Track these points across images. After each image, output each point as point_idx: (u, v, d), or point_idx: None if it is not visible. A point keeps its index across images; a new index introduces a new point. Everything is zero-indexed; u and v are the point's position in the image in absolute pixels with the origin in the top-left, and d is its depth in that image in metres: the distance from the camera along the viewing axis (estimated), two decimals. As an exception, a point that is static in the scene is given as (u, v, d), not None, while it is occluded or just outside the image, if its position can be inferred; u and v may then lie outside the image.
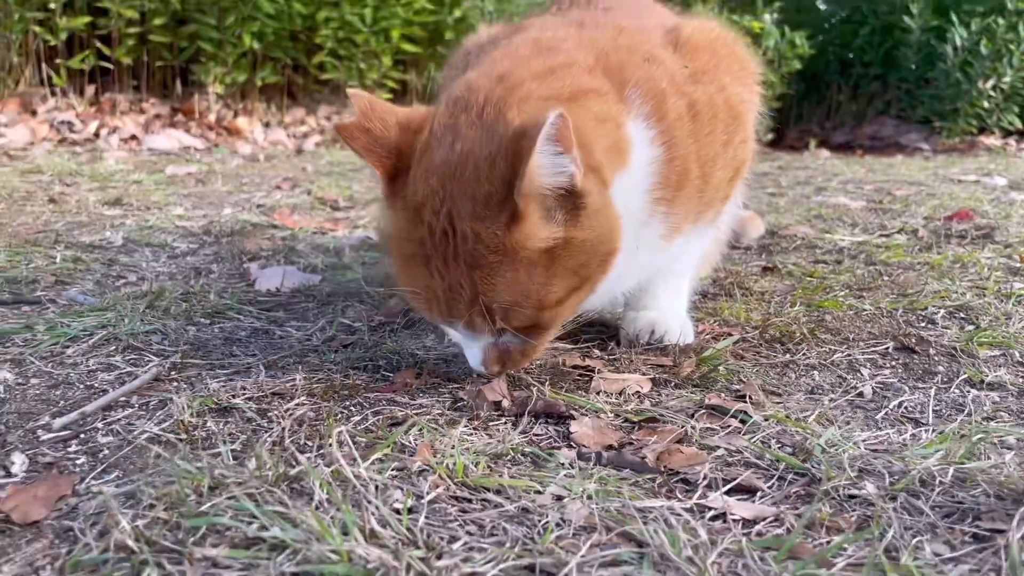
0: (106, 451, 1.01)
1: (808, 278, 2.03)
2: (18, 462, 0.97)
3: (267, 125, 5.92)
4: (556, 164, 1.06)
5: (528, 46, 1.30)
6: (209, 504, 0.82)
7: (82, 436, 1.06)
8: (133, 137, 5.23)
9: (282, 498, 0.83)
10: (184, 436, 1.02)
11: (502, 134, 1.09)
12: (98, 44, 5.28)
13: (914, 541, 0.83)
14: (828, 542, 0.83)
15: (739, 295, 1.84)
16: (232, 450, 0.98)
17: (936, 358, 1.46)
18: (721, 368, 1.36)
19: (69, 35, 5.16)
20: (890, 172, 4.93)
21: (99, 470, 0.96)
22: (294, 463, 0.93)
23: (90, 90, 5.44)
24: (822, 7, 8.71)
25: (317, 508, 0.82)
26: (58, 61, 5.17)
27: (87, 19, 5.13)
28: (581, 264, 1.13)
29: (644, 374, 1.33)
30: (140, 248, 2.28)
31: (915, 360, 1.46)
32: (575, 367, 1.34)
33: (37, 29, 5.01)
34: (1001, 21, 6.64)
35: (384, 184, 1.18)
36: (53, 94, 5.33)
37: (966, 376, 1.37)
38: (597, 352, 1.44)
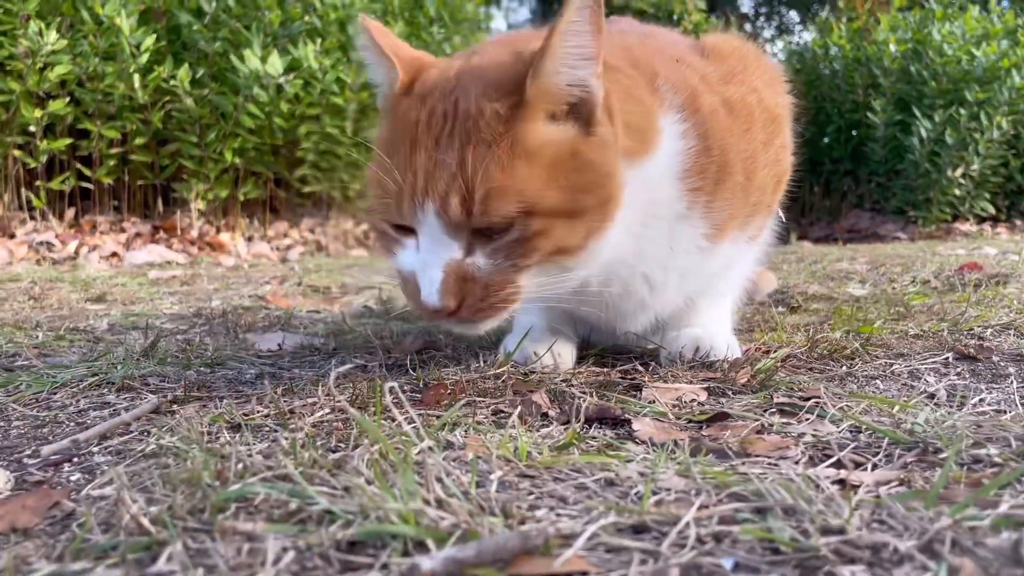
0: (104, 467, 0.87)
1: (839, 313, 1.93)
2: (1, 480, 0.83)
3: (250, 239, 5.87)
4: (576, 65, 1.05)
5: None
6: (238, 485, 0.68)
7: (75, 460, 0.92)
8: (114, 254, 5.14)
9: (325, 477, 0.70)
10: (196, 445, 0.88)
11: (523, 50, 1.11)
12: (78, 165, 5.26)
13: (1076, 485, 0.71)
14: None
15: (777, 323, 1.74)
16: (258, 451, 0.84)
17: (1002, 364, 1.36)
18: (777, 378, 1.24)
19: (49, 157, 5.13)
20: (877, 252, 4.93)
21: (96, 483, 0.81)
22: (334, 450, 0.79)
23: (70, 213, 5.38)
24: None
25: (369, 484, 0.68)
26: (38, 183, 5.13)
27: (68, 141, 5.11)
28: (579, 188, 1.05)
29: (696, 385, 1.21)
30: (127, 331, 2.15)
31: (980, 367, 1.35)
32: (622, 378, 1.22)
33: (17, 153, 4.98)
34: (963, 112, 6.85)
35: (398, 83, 1.14)
36: (32, 217, 5.26)
37: (1042, 373, 1.26)
38: (640, 369, 1.32)
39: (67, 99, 5.05)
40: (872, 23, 7.93)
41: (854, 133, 7.86)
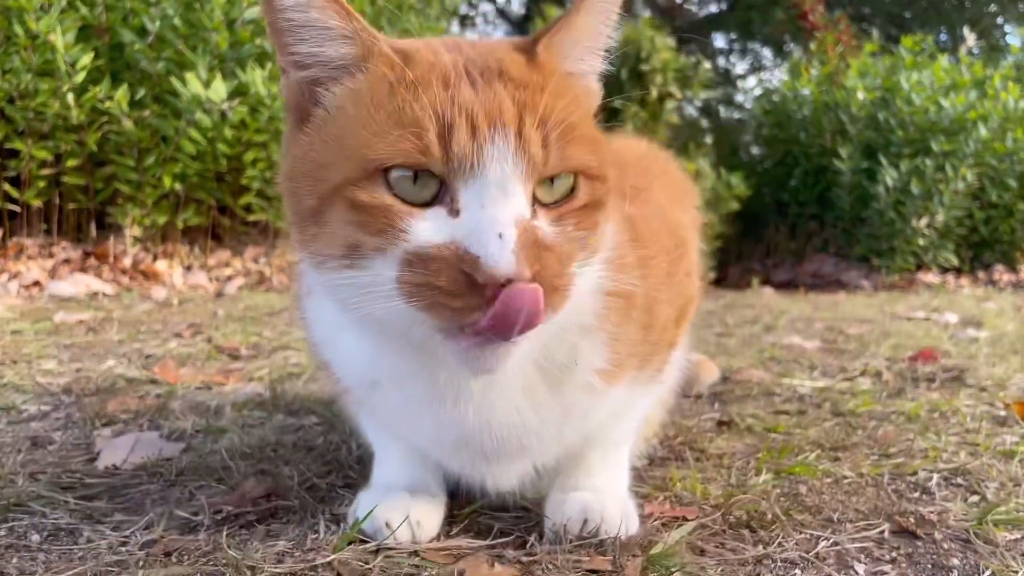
0: None
1: (771, 434, 1.72)
2: None
3: (188, 268, 5.58)
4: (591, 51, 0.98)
5: None
6: None
7: None
8: (36, 283, 4.84)
9: None
10: None
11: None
12: (6, 186, 4.96)
13: None
14: None
15: (692, 459, 1.52)
16: None
17: (945, 545, 1.15)
18: (676, 571, 1.02)
19: (-27, 177, 4.84)
20: (837, 310, 4.77)
21: None
22: None
23: (-4, 235, 5.08)
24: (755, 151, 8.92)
25: None
26: (-41, 204, 4.83)
27: (-6, 160, 4.81)
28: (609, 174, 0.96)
29: (574, 587, 0.98)
30: (-23, 413, 1.89)
31: (920, 549, 1.14)
32: (488, 565, 0.99)
33: (-62, 171, 4.68)
34: (929, 162, 6.77)
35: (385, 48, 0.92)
36: (-47, 239, 4.95)
37: (991, 572, 1.05)
38: (512, 553, 1.09)
39: (-5, 116, 4.78)
40: (842, 67, 7.83)
41: (821, 177, 7.75)
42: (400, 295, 0.84)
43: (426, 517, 1.13)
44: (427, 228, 0.85)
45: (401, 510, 1.11)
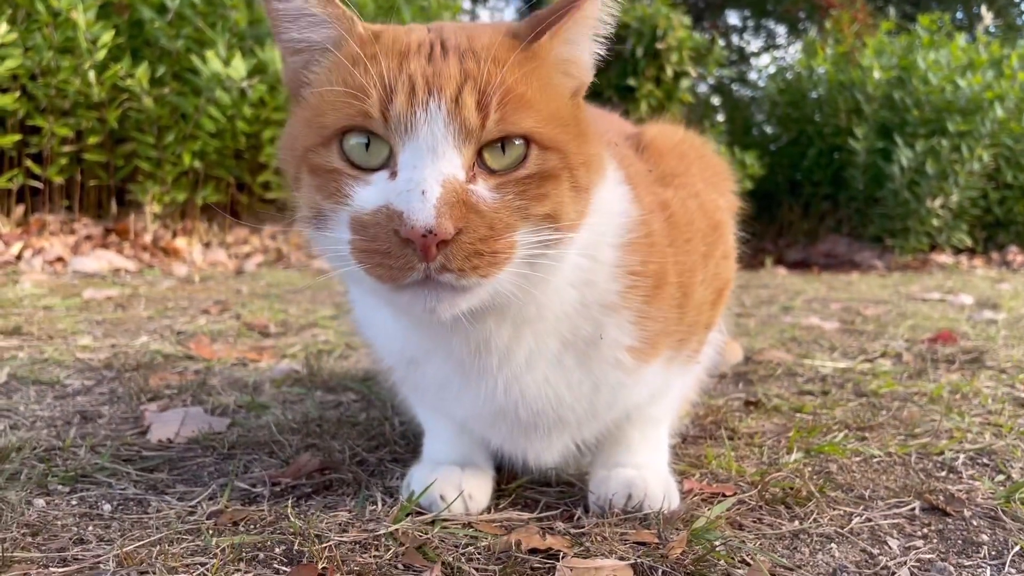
0: None
1: (798, 414, 1.77)
2: None
3: (207, 245, 5.64)
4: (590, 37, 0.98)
5: None
6: None
7: None
8: (59, 259, 4.89)
9: None
10: None
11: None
12: (28, 163, 5.00)
13: None
14: None
15: (725, 438, 1.57)
16: None
17: (975, 522, 1.19)
18: (719, 545, 1.07)
19: (-3, 153, 4.88)
20: (851, 290, 4.79)
21: None
22: None
23: (19, 210, 5.13)
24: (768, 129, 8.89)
25: None
26: (-18, 180, 4.88)
27: (17, 137, 4.85)
28: (581, 151, 0.96)
29: (622, 557, 1.03)
30: (25, 387, 1.95)
31: (950, 526, 1.18)
32: (532, 551, 1.04)
33: (-39, 148, 4.73)
34: (944, 143, 6.75)
35: (361, 29, 0.97)
36: (-24, 215, 5.01)
37: (1019, 548, 1.10)
38: (561, 525, 1.14)
39: (18, 93, 4.81)
40: (858, 45, 7.79)
41: (835, 157, 7.74)
42: (352, 259, 0.90)
43: (477, 490, 1.19)
44: (369, 192, 0.90)
45: (455, 484, 1.16)
